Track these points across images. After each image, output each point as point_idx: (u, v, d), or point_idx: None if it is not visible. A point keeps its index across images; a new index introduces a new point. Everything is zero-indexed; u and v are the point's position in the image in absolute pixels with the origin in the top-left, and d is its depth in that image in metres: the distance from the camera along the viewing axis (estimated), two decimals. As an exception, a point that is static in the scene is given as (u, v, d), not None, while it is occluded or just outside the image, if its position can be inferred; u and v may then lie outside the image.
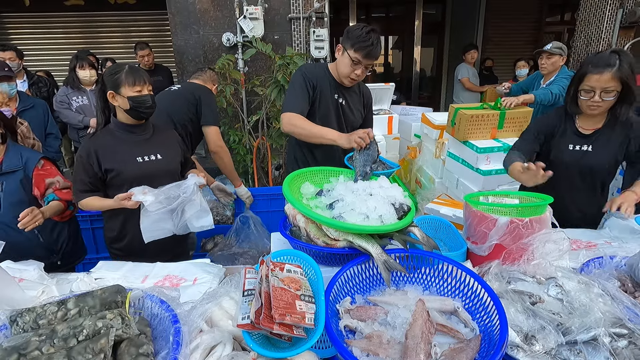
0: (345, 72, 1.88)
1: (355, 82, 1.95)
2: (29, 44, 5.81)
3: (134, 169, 1.74)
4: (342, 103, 2.01)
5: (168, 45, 5.51)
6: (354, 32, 1.79)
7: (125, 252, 1.85)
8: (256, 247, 2.64)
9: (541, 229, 1.31)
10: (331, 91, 1.97)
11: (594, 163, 1.73)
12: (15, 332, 0.90)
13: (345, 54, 1.84)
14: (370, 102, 2.20)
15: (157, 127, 1.89)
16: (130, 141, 1.76)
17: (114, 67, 1.72)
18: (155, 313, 1.00)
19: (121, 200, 1.62)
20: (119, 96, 1.67)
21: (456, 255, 1.43)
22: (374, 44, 1.78)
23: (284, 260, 1.18)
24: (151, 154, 1.79)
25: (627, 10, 4.18)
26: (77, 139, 3.55)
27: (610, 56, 1.56)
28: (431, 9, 7.48)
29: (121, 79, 1.65)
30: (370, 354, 0.94)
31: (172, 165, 1.86)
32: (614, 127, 1.70)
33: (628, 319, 0.98)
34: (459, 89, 5.47)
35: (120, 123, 1.75)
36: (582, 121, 1.77)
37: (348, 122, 2.07)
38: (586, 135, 1.75)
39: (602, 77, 1.56)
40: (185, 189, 1.67)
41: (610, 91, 1.58)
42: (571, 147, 1.76)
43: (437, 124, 3.16)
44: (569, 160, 1.77)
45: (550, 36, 7.83)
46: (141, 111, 1.70)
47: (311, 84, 1.92)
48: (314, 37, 4.04)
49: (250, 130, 3.92)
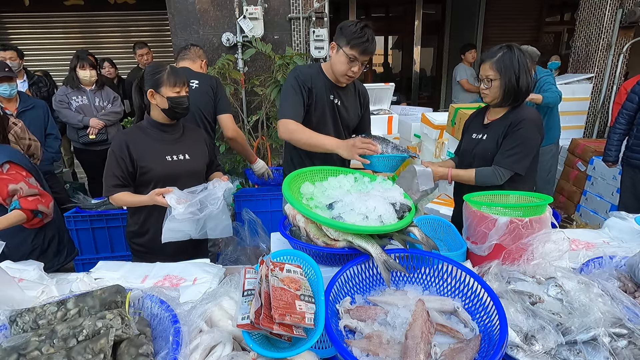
0: (341, 70, 1.84)
1: (351, 79, 1.91)
2: (29, 44, 5.80)
3: (163, 167, 1.76)
4: (338, 104, 1.98)
5: (168, 45, 5.51)
6: (348, 28, 1.76)
7: (145, 249, 1.86)
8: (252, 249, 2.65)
9: (541, 229, 1.31)
10: (326, 92, 1.93)
11: (482, 150, 1.82)
12: (14, 332, 0.90)
13: (340, 52, 1.80)
14: (367, 101, 2.16)
15: (187, 127, 1.91)
16: (161, 139, 1.79)
17: (155, 66, 1.76)
18: (155, 313, 1.00)
19: (156, 197, 1.63)
20: (159, 95, 1.71)
21: (456, 255, 1.43)
22: (370, 39, 1.76)
23: (284, 260, 1.18)
24: (180, 153, 1.81)
25: (627, 10, 4.18)
26: (76, 138, 3.54)
27: (498, 49, 1.70)
28: (431, 9, 7.48)
29: (163, 79, 1.70)
30: (370, 354, 0.94)
31: (199, 165, 1.88)
32: (505, 120, 1.77)
33: (628, 318, 0.98)
34: (457, 90, 5.47)
35: (154, 121, 1.78)
36: (490, 113, 1.88)
37: (344, 122, 2.04)
38: (486, 125, 1.86)
39: (484, 66, 1.72)
40: (214, 200, 1.67)
41: (490, 80, 1.70)
42: (474, 135, 1.89)
43: (437, 124, 3.17)
44: (466, 147, 1.92)
45: (550, 36, 7.84)
46: (178, 112, 1.75)
47: (306, 87, 1.88)
48: (313, 37, 4.04)
49: (250, 130, 3.92)
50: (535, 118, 1.74)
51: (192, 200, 1.63)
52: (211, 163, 1.99)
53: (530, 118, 1.71)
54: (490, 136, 1.80)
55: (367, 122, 2.19)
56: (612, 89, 4.50)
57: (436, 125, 3.17)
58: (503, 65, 1.66)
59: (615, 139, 3.05)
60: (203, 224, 1.70)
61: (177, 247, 1.73)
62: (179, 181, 1.74)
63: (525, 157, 1.71)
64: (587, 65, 4.57)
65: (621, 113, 3.00)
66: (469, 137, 1.91)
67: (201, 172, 1.91)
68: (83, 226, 2.67)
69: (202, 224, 1.70)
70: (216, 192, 1.70)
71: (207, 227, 1.71)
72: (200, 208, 1.65)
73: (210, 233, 1.73)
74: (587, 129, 4.66)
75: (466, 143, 1.93)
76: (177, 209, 1.59)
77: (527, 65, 1.67)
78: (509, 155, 1.70)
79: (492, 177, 1.71)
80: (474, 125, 1.93)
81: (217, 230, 1.74)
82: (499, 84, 1.68)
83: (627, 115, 2.96)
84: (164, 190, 1.64)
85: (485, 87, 1.73)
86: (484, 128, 1.86)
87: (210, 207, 1.66)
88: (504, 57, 1.66)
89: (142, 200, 1.72)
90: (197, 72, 2.67)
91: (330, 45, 1.85)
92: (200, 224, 1.69)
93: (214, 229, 1.73)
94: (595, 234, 1.71)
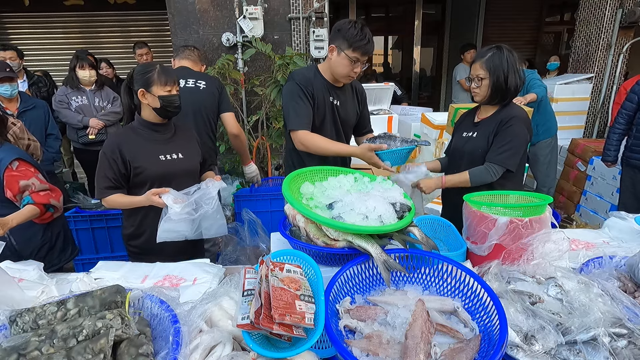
0: (344, 73, 1.86)
1: (352, 79, 1.95)
2: (29, 44, 5.80)
3: (157, 167, 1.75)
4: (337, 104, 2.00)
5: (168, 45, 5.51)
6: (347, 31, 1.77)
7: (142, 250, 1.85)
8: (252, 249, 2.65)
9: (541, 229, 1.31)
10: (325, 94, 1.95)
11: (472, 148, 1.86)
12: (14, 332, 0.90)
13: (342, 55, 1.81)
14: (364, 97, 2.18)
15: (178, 127, 1.90)
16: (153, 139, 1.78)
17: (145, 65, 1.74)
18: (155, 313, 1.00)
19: (152, 197, 1.63)
20: (150, 94, 1.69)
21: (456, 255, 1.43)
22: (370, 39, 1.79)
23: (284, 260, 1.18)
24: (173, 152, 1.80)
25: (627, 10, 4.18)
26: (75, 138, 3.54)
27: (488, 49, 1.75)
28: (431, 9, 7.49)
29: (153, 78, 1.68)
30: (370, 354, 0.94)
31: (192, 164, 1.87)
32: (496, 118, 1.81)
33: (627, 318, 0.98)
34: (457, 89, 5.48)
35: (145, 121, 1.77)
36: (480, 112, 1.92)
37: (343, 123, 2.07)
38: (476, 123, 1.89)
39: (475, 66, 1.77)
40: (208, 200, 1.67)
41: (480, 78, 1.75)
42: (464, 134, 1.93)
43: (437, 124, 3.16)
44: (456, 146, 1.98)
45: (550, 36, 7.84)
46: (170, 110, 1.73)
47: (309, 92, 1.90)
48: (313, 37, 4.04)
49: (250, 130, 3.92)
50: (524, 116, 1.78)
51: (188, 200, 1.62)
52: (204, 161, 1.99)
53: (519, 116, 1.75)
54: (480, 134, 1.84)
55: (367, 118, 2.22)
56: (612, 88, 4.51)
57: (436, 125, 3.17)
58: (492, 65, 1.71)
59: (614, 139, 3.05)
60: (198, 224, 1.69)
61: (174, 248, 1.72)
62: (174, 180, 1.74)
63: (516, 153, 1.75)
64: (587, 65, 4.58)
65: (620, 113, 3.00)
66: (460, 136, 1.96)
67: (196, 171, 1.90)
68: (83, 226, 2.67)
69: (198, 224, 1.69)
70: (210, 191, 1.69)
71: (202, 227, 1.71)
72: (196, 208, 1.65)
73: (205, 233, 1.73)
74: (587, 129, 4.66)
75: (456, 141, 1.98)
76: (174, 209, 1.58)
77: (515, 65, 1.71)
78: (501, 151, 1.74)
79: (485, 174, 1.75)
80: (465, 124, 1.98)
81: (212, 230, 1.74)
82: (488, 82, 1.73)
83: (627, 115, 2.95)
84: (161, 191, 1.64)
85: (476, 85, 1.78)
86: (474, 126, 1.89)
87: (205, 207, 1.66)
88: (494, 57, 1.71)
89: (137, 201, 1.70)
90: (202, 73, 2.69)
91: (329, 47, 1.86)
92: (196, 224, 1.68)
93: (208, 229, 1.73)
94: (595, 234, 1.71)
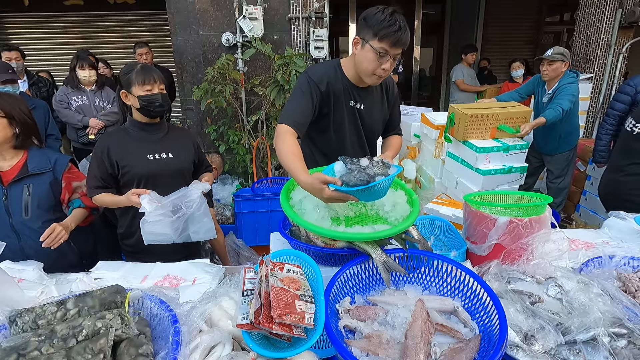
0: (370, 69, 1.49)
1: (381, 79, 1.56)
2: (29, 44, 5.80)
3: (144, 166, 1.75)
4: (360, 108, 1.68)
5: (167, 45, 5.50)
6: (374, 17, 1.42)
7: (135, 249, 1.86)
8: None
9: (540, 229, 1.31)
10: (345, 97, 1.63)
11: None
12: (14, 333, 0.90)
13: (367, 47, 1.46)
14: (395, 95, 1.81)
15: (173, 128, 1.91)
16: (142, 139, 1.78)
17: (127, 66, 1.75)
18: (155, 313, 1.00)
19: (131, 196, 1.63)
20: (131, 95, 1.70)
21: (456, 255, 1.43)
22: (402, 27, 1.41)
23: (284, 260, 1.18)
24: (162, 152, 1.80)
25: (626, 10, 4.18)
26: (75, 138, 3.54)
27: None
28: (431, 9, 7.48)
29: (132, 79, 1.68)
30: (369, 353, 0.94)
31: (183, 164, 1.86)
32: None
33: (627, 318, 0.99)
34: (454, 90, 5.50)
35: (135, 121, 1.78)
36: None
37: (367, 128, 1.75)
38: None
39: None
40: (188, 202, 1.65)
41: None
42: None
43: (437, 124, 3.16)
44: None
45: (550, 36, 7.83)
46: (151, 110, 1.72)
47: (319, 89, 1.58)
48: (313, 37, 4.04)
49: (249, 130, 3.92)
50: None
51: (163, 202, 1.61)
52: (200, 163, 1.98)
53: None
54: None
55: (396, 118, 1.88)
56: (611, 88, 4.50)
57: (436, 125, 3.16)
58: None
59: (606, 140, 3.02)
60: (184, 227, 1.67)
61: (165, 248, 1.72)
62: (162, 180, 1.74)
63: None
64: (586, 65, 4.57)
65: (611, 114, 2.95)
66: None
67: (186, 172, 1.89)
68: (83, 226, 2.66)
69: (183, 227, 1.67)
70: (191, 194, 1.67)
71: (190, 230, 1.70)
72: (174, 210, 1.63)
73: (194, 236, 1.72)
74: (586, 129, 4.66)
75: None
76: (146, 208, 1.58)
77: None
78: None
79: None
80: None
81: (200, 233, 1.72)
82: None
83: (618, 116, 2.91)
84: (141, 191, 1.64)
85: None
86: None
87: (184, 209, 1.64)
88: None
89: (119, 201, 1.71)
90: None
91: (353, 41, 1.52)
92: (179, 226, 1.66)
93: (196, 232, 1.72)
94: (595, 233, 1.71)
